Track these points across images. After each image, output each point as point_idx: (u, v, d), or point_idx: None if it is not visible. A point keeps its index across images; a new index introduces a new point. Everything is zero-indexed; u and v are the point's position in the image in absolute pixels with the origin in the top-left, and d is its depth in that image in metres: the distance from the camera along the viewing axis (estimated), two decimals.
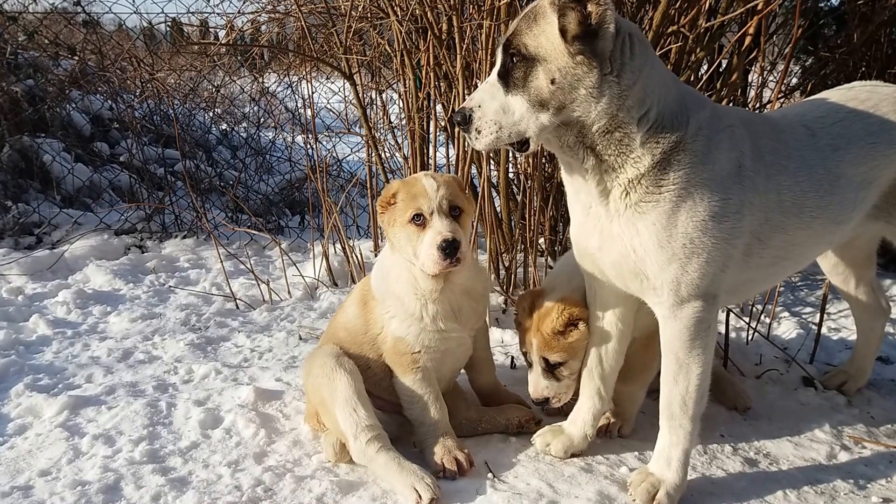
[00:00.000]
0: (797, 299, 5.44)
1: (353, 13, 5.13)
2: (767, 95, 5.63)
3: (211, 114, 9.37)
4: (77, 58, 8.22)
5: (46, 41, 8.34)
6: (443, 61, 4.85)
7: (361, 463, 3.11)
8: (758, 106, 5.22)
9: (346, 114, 9.19)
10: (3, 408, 3.75)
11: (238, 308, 5.33)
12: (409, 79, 5.32)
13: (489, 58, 4.43)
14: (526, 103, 2.62)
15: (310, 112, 6.35)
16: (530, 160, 4.74)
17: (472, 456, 3.16)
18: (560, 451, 3.23)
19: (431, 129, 5.55)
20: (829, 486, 3.08)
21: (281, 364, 4.30)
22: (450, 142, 5.49)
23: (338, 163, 8.17)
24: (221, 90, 9.48)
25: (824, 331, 4.52)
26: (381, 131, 6.52)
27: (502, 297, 5.08)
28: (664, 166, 2.66)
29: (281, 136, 9.29)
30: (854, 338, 4.08)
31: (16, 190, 7.09)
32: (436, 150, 5.59)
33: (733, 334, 4.43)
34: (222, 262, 5.66)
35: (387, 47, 5.73)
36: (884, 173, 3.05)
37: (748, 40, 4.35)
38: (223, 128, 9.56)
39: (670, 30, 4.24)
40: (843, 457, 3.33)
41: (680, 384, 2.85)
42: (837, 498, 3.01)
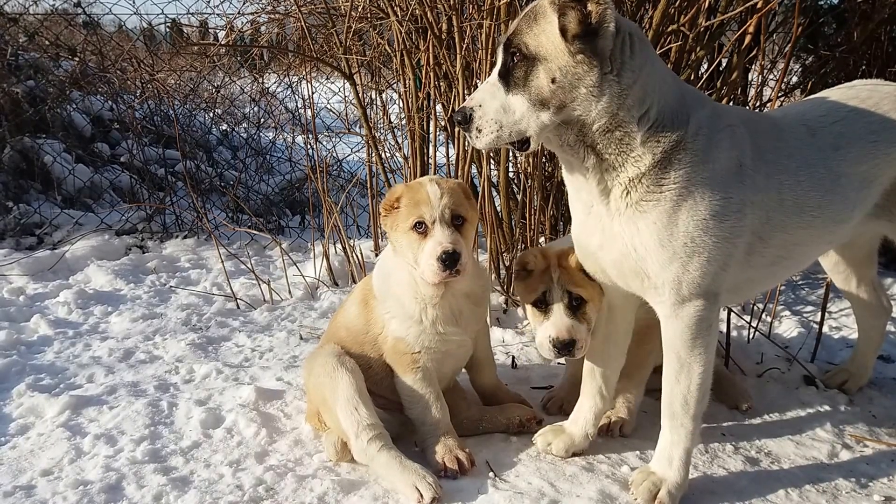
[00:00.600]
0: (798, 298, 5.44)
1: (353, 13, 5.13)
2: (767, 94, 5.64)
3: (211, 114, 9.37)
4: (77, 59, 8.22)
5: (47, 42, 8.34)
6: (443, 61, 4.85)
7: (363, 462, 3.11)
8: (758, 104, 5.22)
9: (346, 114, 9.18)
10: (4, 408, 3.75)
11: (239, 308, 5.33)
12: (409, 79, 5.31)
13: (489, 57, 4.43)
14: (526, 102, 2.62)
15: (310, 112, 6.35)
16: (530, 159, 4.74)
17: (474, 455, 3.16)
18: (561, 451, 3.23)
19: (431, 128, 5.55)
20: (830, 485, 3.08)
21: (282, 364, 4.30)
22: (450, 141, 5.49)
23: (338, 163, 8.16)
24: (221, 91, 9.48)
25: (825, 329, 4.52)
26: (381, 131, 6.52)
27: (503, 297, 5.08)
28: (665, 165, 2.66)
29: (281, 136, 9.29)
30: (855, 336, 4.08)
31: (17, 191, 7.11)
32: (436, 149, 5.59)
33: (734, 333, 4.42)
34: (223, 262, 5.66)
35: (386, 47, 5.73)
36: (885, 172, 3.04)
37: (748, 39, 4.35)
38: (223, 128, 9.56)
39: (670, 29, 4.24)
40: (844, 455, 3.33)
41: (682, 383, 2.85)
42: (839, 497, 3.01)
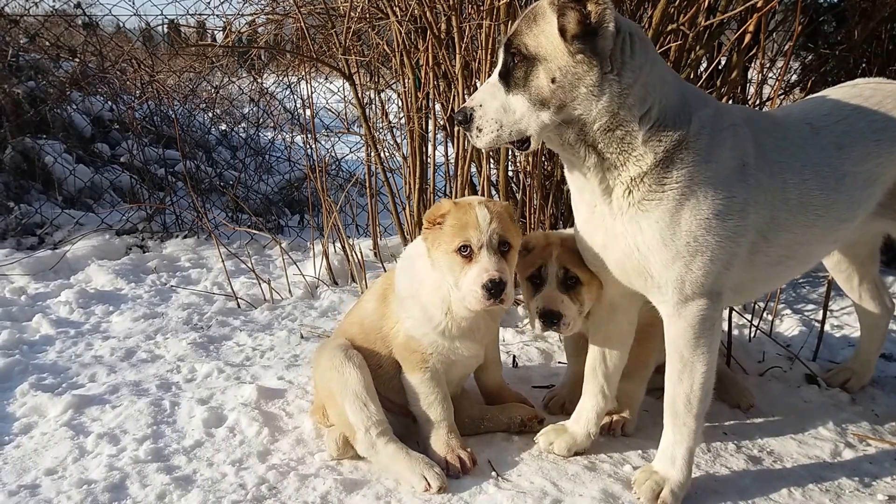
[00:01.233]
0: (799, 296, 5.44)
1: (353, 14, 5.13)
2: (766, 92, 5.63)
3: (210, 114, 9.37)
4: (78, 60, 8.21)
5: (47, 43, 8.34)
6: (442, 61, 4.85)
7: (368, 457, 3.12)
8: (758, 103, 5.21)
9: (346, 113, 9.17)
10: (8, 407, 3.75)
11: (239, 307, 5.33)
12: (409, 79, 5.31)
13: (489, 57, 4.43)
14: (527, 102, 2.63)
15: (309, 112, 6.35)
16: (530, 158, 4.74)
17: (476, 455, 3.17)
18: (563, 450, 3.23)
19: (430, 128, 5.55)
20: (833, 484, 3.09)
21: (283, 363, 4.30)
22: (449, 141, 5.48)
23: (336, 162, 8.16)
24: (220, 91, 9.47)
25: (827, 328, 4.51)
26: (381, 131, 6.51)
27: None
28: (667, 164, 2.66)
29: (280, 136, 9.28)
30: (856, 335, 4.08)
31: (18, 191, 7.11)
32: (434, 149, 5.59)
33: (735, 332, 4.42)
34: (223, 261, 5.66)
35: (385, 48, 5.72)
36: (888, 171, 3.05)
37: (748, 38, 4.35)
38: (222, 128, 9.55)
39: (669, 28, 4.24)
40: (847, 454, 3.33)
41: (684, 382, 2.85)
42: (843, 496, 3.01)
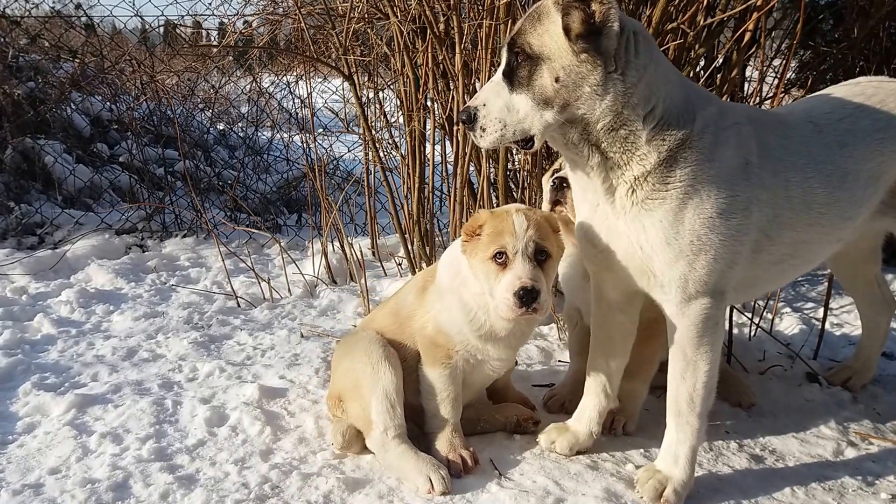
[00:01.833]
0: (798, 294, 5.45)
1: (353, 14, 5.12)
2: (765, 91, 5.62)
3: (209, 113, 9.36)
4: (78, 60, 8.21)
5: (48, 44, 8.33)
6: (442, 60, 4.84)
7: (376, 453, 3.14)
8: (758, 101, 5.21)
9: (345, 112, 9.17)
10: (11, 406, 3.74)
11: (239, 306, 5.32)
12: (409, 79, 5.30)
13: (489, 56, 4.43)
14: (530, 101, 2.64)
15: (307, 111, 6.35)
16: (529, 158, 4.74)
17: (478, 454, 3.17)
18: (565, 449, 3.23)
19: (429, 127, 5.54)
20: (837, 483, 3.09)
21: (284, 362, 4.30)
22: (447, 140, 5.47)
23: (335, 161, 8.15)
24: (219, 91, 9.47)
25: (826, 326, 4.51)
26: (380, 130, 6.51)
27: None
28: (670, 163, 2.66)
29: (279, 135, 9.27)
30: (857, 333, 4.09)
31: (18, 191, 7.10)
32: (433, 148, 5.59)
33: (736, 330, 4.43)
34: (223, 260, 5.66)
35: (385, 49, 5.71)
36: (891, 169, 3.06)
37: (747, 36, 4.35)
38: (220, 128, 9.54)
39: (669, 27, 4.24)
40: (849, 453, 3.34)
41: (687, 381, 2.86)
42: (846, 495, 3.01)
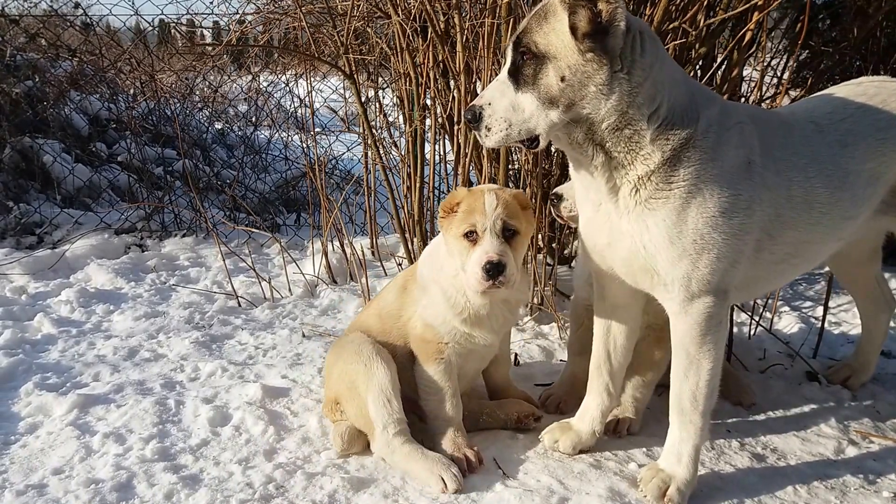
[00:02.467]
0: (796, 293, 5.46)
1: (354, 13, 5.12)
2: (763, 90, 5.63)
3: (208, 112, 9.35)
4: (76, 59, 8.19)
5: (47, 43, 8.31)
6: (443, 59, 4.84)
7: (384, 456, 3.13)
8: (758, 100, 5.22)
9: (346, 111, 9.16)
10: (13, 406, 3.74)
11: (240, 306, 5.32)
12: (411, 78, 5.30)
13: (491, 55, 4.43)
14: (536, 101, 2.63)
15: (306, 110, 6.34)
16: (529, 157, 4.74)
17: (482, 453, 3.17)
18: (568, 448, 3.23)
19: (429, 125, 5.54)
20: (838, 482, 3.10)
21: (286, 361, 4.30)
22: (447, 138, 5.47)
23: (334, 159, 8.14)
24: (219, 90, 9.46)
25: (825, 325, 4.53)
26: (379, 129, 6.51)
27: None
28: (674, 163, 2.67)
29: (278, 134, 9.26)
30: (855, 332, 4.10)
31: (17, 190, 7.08)
32: (434, 148, 5.60)
33: (735, 329, 4.44)
34: (224, 259, 5.65)
35: (385, 48, 5.71)
36: (892, 168, 3.07)
37: (748, 36, 4.35)
38: (219, 127, 9.53)
39: (671, 26, 4.25)
40: (850, 451, 3.35)
41: (690, 380, 2.86)
42: (848, 493, 3.03)
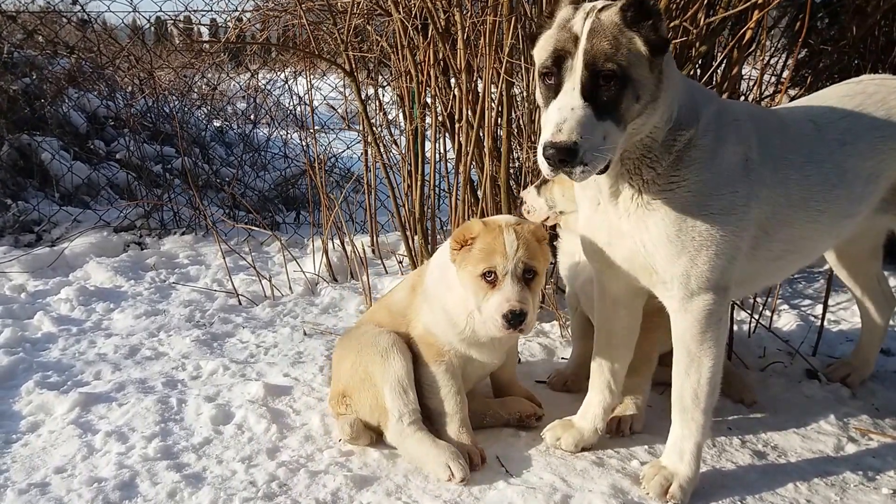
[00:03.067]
0: (795, 291, 5.48)
1: (355, 11, 5.12)
2: (761, 89, 5.63)
3: (206, 109, 9.34)
4: (74, 56, 8.18)
5: (44, 40, 8.29)
6: (444, 57, 4.84)
7: (394, 442, 3.16)
8: (757, 99, 5.23)
9: (345, 109, 9.16)
10: (14, 405, 3.74)
11: (241, 304, 5.32)
12: (412, 76, 5.30)
13: (492, 53, 4.42)
14: (615, 126, 2.48)
15: (305, 108, 6.34)
16: (530, 156, 4.73)
17: (485, 452, 3.18)
18: (570, 446, 3.23)
19: (430, 123, 5.55)
20: (839, 479, 3.11)
21: (287, 360, 4.30)
22: (447, 137, 5.47)
23: (334, 158, 8.14)
24: (218, 88, 9.46)
25: (825, 323, 4.54)
26: (380, 127, 6.51)
27: None
28: (677, 164, 2.68)
29: (277, 132, 9.26)
30: (854, 330, 4.11)
31: (15, 188, 7.07)
32: (434, 146, 5.60)
33: (735, 327, 4.45)
34: (224, 257, 5.65)
35: (385, 46, 5.71)
36: (891, 167, 3.08)
37: (748, 34, 4.36)
38: (217, 124, 9.53)
39: (671, 24, 4.25)
40: (850, 449, 3.36)
41: (692, 377, 2.87)
42: (848, 490, 3.04)
